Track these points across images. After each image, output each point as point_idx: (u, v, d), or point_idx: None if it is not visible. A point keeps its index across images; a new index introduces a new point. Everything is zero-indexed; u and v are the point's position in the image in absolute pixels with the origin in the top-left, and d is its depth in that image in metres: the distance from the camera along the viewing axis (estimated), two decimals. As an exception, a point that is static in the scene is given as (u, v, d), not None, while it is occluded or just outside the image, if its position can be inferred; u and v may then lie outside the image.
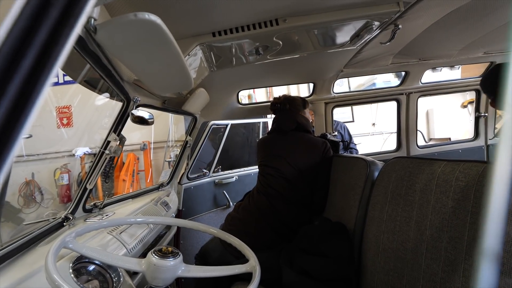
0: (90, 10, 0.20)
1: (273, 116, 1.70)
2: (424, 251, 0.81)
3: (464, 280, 0.67)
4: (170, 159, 4.21)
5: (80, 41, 0.63)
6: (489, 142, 2.29)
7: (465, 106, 5.03)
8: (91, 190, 1.18)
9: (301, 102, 1.65)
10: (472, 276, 0.65)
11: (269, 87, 4.53)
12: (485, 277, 0.28)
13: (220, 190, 2.38)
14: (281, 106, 1.64)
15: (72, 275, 0.78)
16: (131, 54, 0.72)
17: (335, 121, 2.58)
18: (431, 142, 4.89)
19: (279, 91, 4.16)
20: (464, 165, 0.77)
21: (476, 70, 2.44)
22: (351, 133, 2.72)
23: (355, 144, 2.69)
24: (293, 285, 1.12)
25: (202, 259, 1.49)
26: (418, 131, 2.28)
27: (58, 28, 0.20)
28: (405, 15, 1.10)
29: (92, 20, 0.58)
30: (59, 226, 1.05)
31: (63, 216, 1.09)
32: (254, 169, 2.57)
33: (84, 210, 1.20)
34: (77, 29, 0.20)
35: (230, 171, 2.49)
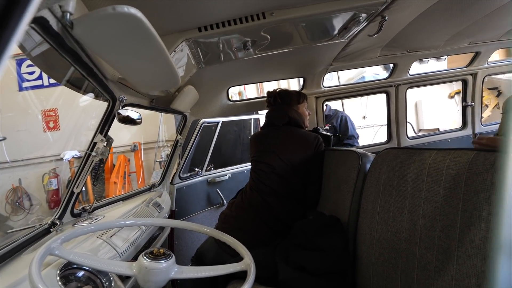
0: None
1: (266, 112, 1.69)
2: (418, 240, 0.81)
3: (458, 268, 0.67)
4: (161, 159, 4.15)
5: (56, 37, 0.60)
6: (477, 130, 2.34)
7: (452, 97, 5.14)
8: (78, 193, 1.14)
9: (295, 97, 1.62)
10: (466, 264, 0.66)
11: (259, 83, 4.51)
12: (503, 276, 0.27)
13: (214, 188, 2.35)
14: (273, 100, 1.62)
15: (60, 283, 0.75)
16: (112, 51, 0.69)
17: (334, 110, 2.48)
18: (420, 133, 4.99)
19: (269, 87, 4.15)
20: (454, 153, 0.78)
21: (462, 61, 2.47)
22: (353, 125, 2.43)
23: (356, 138, 2.44)
24: (290, 281, 1.11)
25: (198, 260, 1.47)
26: (407, 123, 2.31)
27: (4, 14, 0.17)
28: (392, 6, 1.10)
29: (68, 15, 0.54)
30: (46, 232, 1.01)
31: (49, 222, 1.05)
32: (247, 166, 2.55)
33: (72, 214, 1.16)
34: (30, 14, 0.18)
35: (222, 169, 2.47)
